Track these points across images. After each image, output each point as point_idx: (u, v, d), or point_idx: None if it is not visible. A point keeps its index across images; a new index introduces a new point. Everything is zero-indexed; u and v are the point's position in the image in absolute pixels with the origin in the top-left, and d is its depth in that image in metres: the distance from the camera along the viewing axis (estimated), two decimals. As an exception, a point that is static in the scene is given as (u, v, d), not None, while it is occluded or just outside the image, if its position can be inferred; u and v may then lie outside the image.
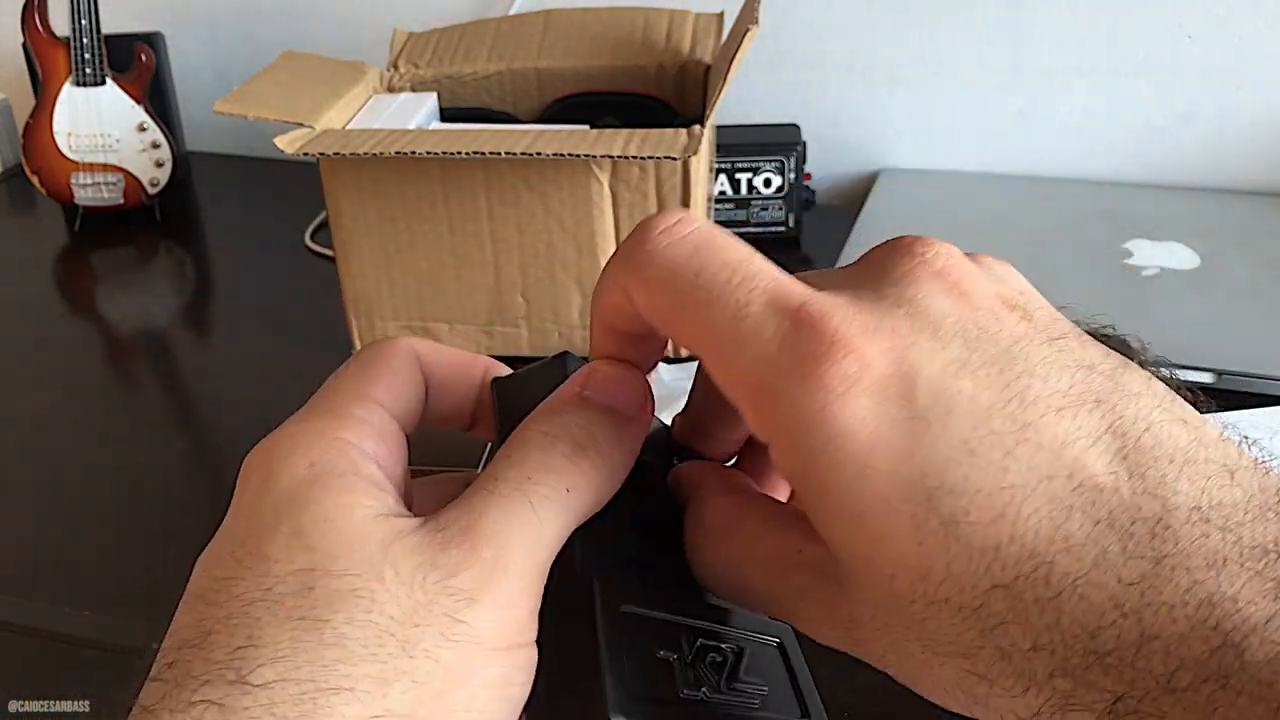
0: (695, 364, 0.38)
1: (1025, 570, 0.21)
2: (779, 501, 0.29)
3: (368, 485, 0.26)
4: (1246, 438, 0.23)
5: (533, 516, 0.25)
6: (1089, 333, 0.25)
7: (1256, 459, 0.22)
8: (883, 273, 0.25)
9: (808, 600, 0.25)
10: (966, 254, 0.26)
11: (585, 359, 0.29)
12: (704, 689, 0.26)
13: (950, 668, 0.22)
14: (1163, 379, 0.24)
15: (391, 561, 0.24)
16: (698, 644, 0.27)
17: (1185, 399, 0.24)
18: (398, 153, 0.67)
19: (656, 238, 0.26)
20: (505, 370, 0.31)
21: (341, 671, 0.23)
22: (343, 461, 0.26)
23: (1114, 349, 0.24)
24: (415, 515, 0.27)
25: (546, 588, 0.26)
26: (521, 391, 0.30)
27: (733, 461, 0.32)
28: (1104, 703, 0.21)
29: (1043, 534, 0.21)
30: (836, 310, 0.23)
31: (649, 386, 0.29)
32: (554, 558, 0.26)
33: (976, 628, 0.22)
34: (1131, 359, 0.24)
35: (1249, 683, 0.19)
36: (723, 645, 0.27)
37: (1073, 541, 0.21)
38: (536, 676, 0.26)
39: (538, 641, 0.26)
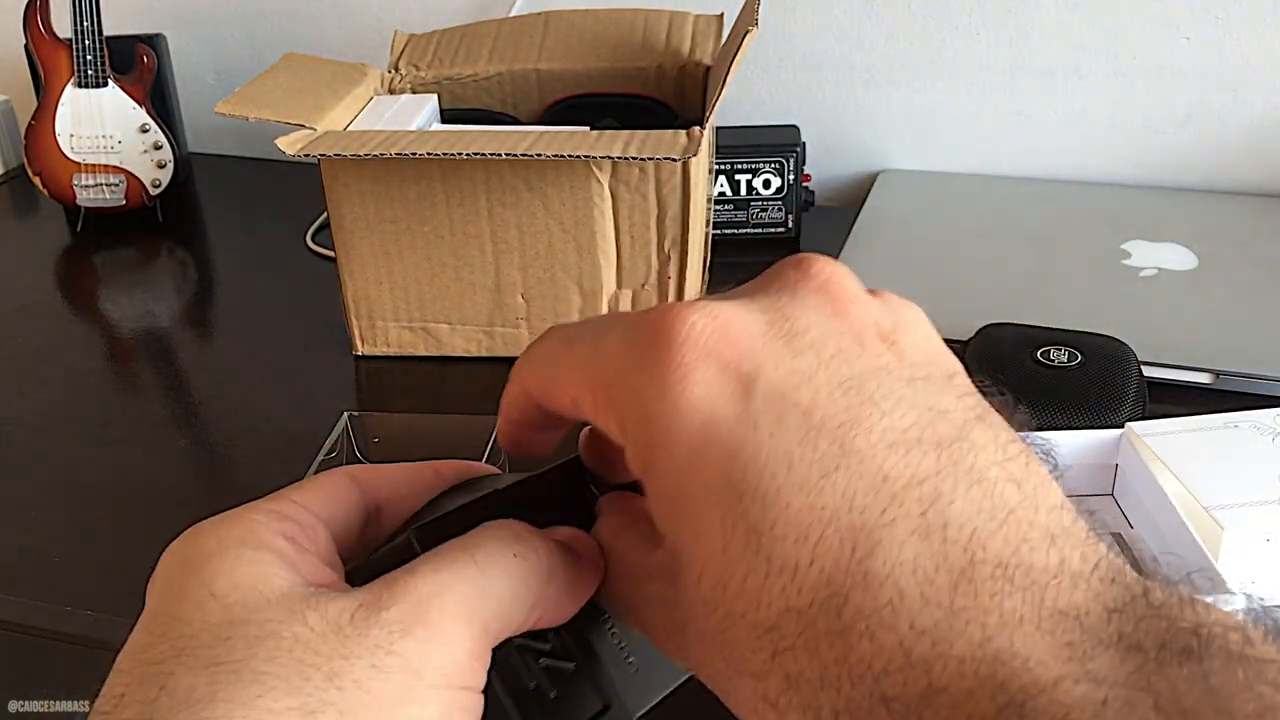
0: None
1: (820, 597, 0.21)
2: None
3: (279, 559, 0.25)
4: (1090, 511, 0.23)
5: (475, 571, 0.25)
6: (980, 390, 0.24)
7: (1089, 529, 0.22)
8: (768, 283, 0.25)
9: (651, 605, 0.26)
10: (869, 290, 0.26)
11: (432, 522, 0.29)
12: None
13: (745, 690, 0.22)
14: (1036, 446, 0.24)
15: (316, 608, 0.23)
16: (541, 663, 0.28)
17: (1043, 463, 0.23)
18: (398, 154, 0.67)
19: (548, 331, 0.28)
20: (452, 467, 0.32)
21: (263, 705, 0.22)
22: (251, 536, 0.25)
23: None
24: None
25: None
26: None
27: None
28: None
29: (841, 563, 0.21)
30: (684, 310, 0.24)
31: (601, 553, 0.28)
32: (503, 625, 0.25)
33: (768, 649, 0.21)
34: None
35: None
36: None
37: (871, 578, 0.21)
38: None
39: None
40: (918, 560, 0.21)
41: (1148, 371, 0.68)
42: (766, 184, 0.94)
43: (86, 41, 0.99)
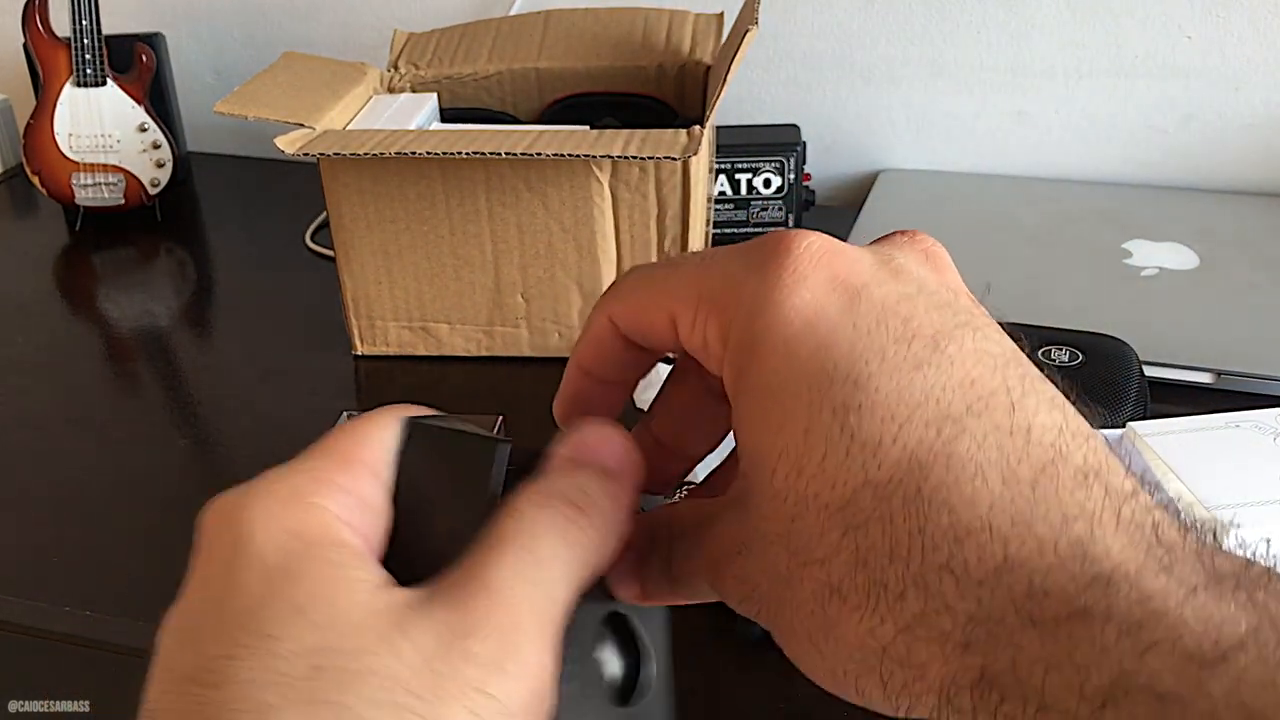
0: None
1: (900, 473, 0.22)
2: None
3: (356, 559, 0.25)
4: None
5: (541, 576, 0.25)
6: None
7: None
8: (880, 240, 0.27)
9: (714, 528, 0.26)
10: None
11: (520, 449, 0.28)
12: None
13: (809, 583, 0.23)
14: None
15: (405, 633, 0.23)
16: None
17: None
18: (398, 153, 0.67)
19: (636, 267, 0.29)
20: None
21: None
22: (325, 533, 0.25)
23: None
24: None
25: None
26: (429, 470, 0.28)
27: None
28: (955, 627, 0.20)
29: (926, 442, 0.22)
30: (799, 231, 0.25)
31: (635, 445, 0.29)
32: (565, 616, 0.25)
33: (840, 527, 0.22)
34: None
35: (1120, 621, 0.19)
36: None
37: (954, 458, 0.21)
38: None
39: None
40: (1001, 450, 0.22)
41: (1149, 371, 0.68)
42: (767, 183, 0.94)
43: (85, 41, 0.99)
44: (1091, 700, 0.19)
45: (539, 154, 0.66)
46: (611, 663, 0.29)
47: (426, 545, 0.27)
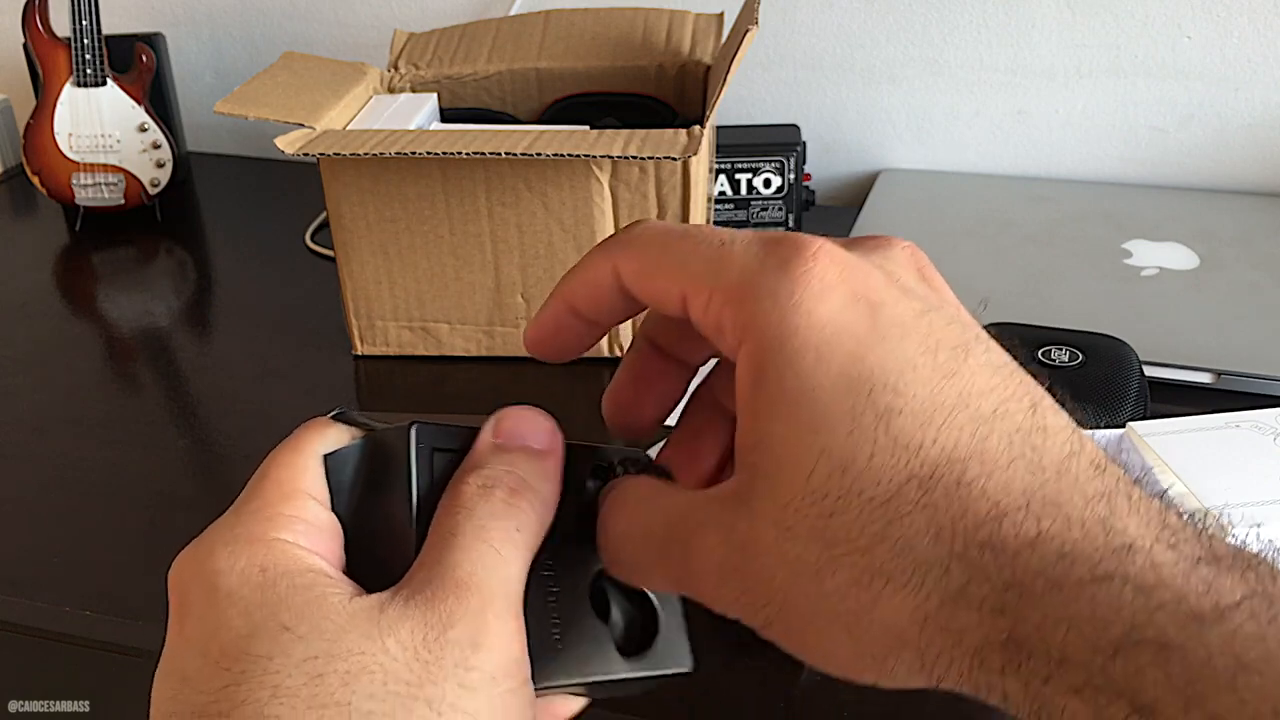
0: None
1: (940, 469, 0.24)
2: None
3: (325, 578, 0.27)
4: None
5: (498, 559, 0.28)
6: None
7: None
8: (867, 245, 0.29)
9: (706, 530, 0.27)
10: None
11: (430, 425, 0.30)
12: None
13: (844, 573, 0.24)
14: None
15: (388, 630, 0.25)
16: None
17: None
18: (398, 153, 0.67)
19: (646, 222, 0.30)
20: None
21: None
22: (292, 562, 0.27)
23: None
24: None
25: None
26: (357, 467, 0.30)
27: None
28: (991, 593, 0.23)
29: (962, 443, 0.24)
30: (818, 239, 0.27)
31: (554, 421, 0.31)
32: (522, 585, 0.28)
33: (884, 519, 0.24)
34: None
35: (1134, 584, 0.22)
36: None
37: (987, 454, 0.24)
38: None
39: None
40: (1026, 445, 0.24)
41: (1149, 371, 0.68)
42: (767, 183, 0.94)
43: (85, 41, 0.99)
44: (1104, 651, 0.21)
45: (539, 154, 0.66)
46: (615, 616, 0.32)
47: (376, 546, 0.29)
